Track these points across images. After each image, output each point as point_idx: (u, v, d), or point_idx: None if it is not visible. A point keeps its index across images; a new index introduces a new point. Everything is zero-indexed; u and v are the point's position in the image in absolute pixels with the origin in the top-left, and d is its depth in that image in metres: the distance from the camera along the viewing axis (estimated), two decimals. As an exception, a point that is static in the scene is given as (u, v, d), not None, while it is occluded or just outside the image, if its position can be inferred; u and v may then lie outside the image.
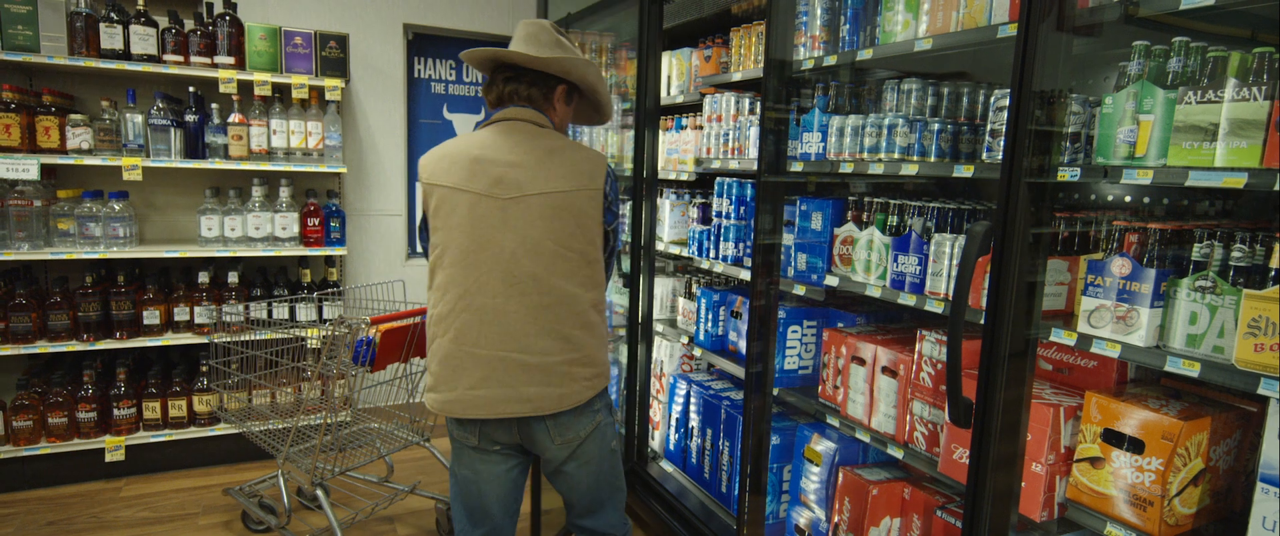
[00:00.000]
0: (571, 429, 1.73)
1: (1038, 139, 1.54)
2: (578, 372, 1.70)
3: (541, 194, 1.63)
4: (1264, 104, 1.26)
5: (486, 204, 1.62)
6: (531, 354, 1.65)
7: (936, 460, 1.89)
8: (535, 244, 1.63)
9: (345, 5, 3.99)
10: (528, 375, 1.65)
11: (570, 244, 1.66)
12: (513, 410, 1.66)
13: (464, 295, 1.64)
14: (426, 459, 3.60)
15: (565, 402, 1.69)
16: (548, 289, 1.65)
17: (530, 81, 1.73)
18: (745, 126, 2.61)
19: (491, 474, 1.76)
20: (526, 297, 1.63)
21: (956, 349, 1.59)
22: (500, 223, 1.62)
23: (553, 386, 1.67)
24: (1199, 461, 1.48)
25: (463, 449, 1.77)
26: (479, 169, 1.64)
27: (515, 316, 1.63)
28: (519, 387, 1.65)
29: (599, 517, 1.91)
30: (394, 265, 4.31)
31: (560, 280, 1.66)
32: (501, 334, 1.63)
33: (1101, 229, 1.70)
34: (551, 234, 1.64)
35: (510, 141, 1.67)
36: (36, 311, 3.16)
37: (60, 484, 3.26)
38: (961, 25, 1.80)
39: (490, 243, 1.62)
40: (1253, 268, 1.36)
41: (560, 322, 1.67)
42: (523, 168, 1.64)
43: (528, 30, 1.74)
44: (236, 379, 2.93)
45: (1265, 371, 1.27)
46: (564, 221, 1.65)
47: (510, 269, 1.62)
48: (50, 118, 3.11)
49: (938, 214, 1.93)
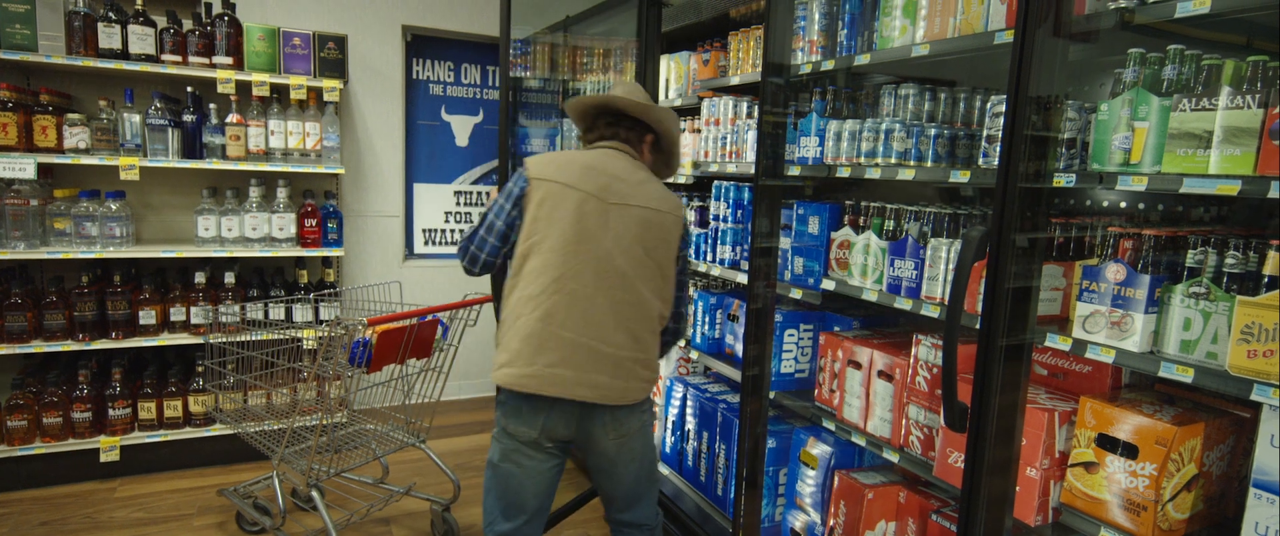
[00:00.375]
0: (625, 424, 1.87)
1: (1033, 145, 1.55)
2: (639, 372, 1.85)
3: (639, 206, 1.84)
4: (1257, 112, 1.27)
5: (593, 203, 1.81)
6: (607, 344, 1.79)
7: (932, 464, 1.90)
8: (627, 247, 1.81)
9: (344, 6, 4.00)
10: (600, 363, 1.79)
11: (653, 255, 1.85)
12: (582, 394, 1.78)
13: (558, 279, 1.78)
14: (422, 460, 3.59)
15: (627, 397, 1.83)
16: (630, 288, 1.82)
17: (628, 127, 1.97)
18: (743, 130, 2.62)
19: (536, 470, 1.87)
20: (612, 292, 1.80)
21: (952, 353, 1.60)
22: (601, 222, 1.80)
23: (619, 379, 1.81)
24: (1192, 467, 1.48)
25: (515, 444, 1.86)
26: (589, 174, 1.84)
27: (600, 308, 1.79)
28: (591, 374, 1.78)
29: (638, 510, 2.03)
30: (391, 266, 4.31)
31: (641, 284, 1.84)
32: (585, 320, 1.78)
33: (1096, 235, 1.71)
34: (641, 241, 1.83)
35: (617, 162, 1.90)
36: (32, 311, 3.16)
37: (54, 484, 3.25)
38: (958, 31, 1.81)
39: (590, 237, 1.79)
40: (1246, 274, 1.37)
41: (633, 322, 1.83)
42: (626, 182, 1.86)
43: (626, 88, 2.01)
44: (232, 379, 2.92)
45: (1258, 377, 1.28)
46: (653, 234, 1.85)
47: (603, 264, 1.79)
48: (47, 117, 3.11)
49: (934, 218, 1.94)
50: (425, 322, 2.61)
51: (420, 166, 4.49)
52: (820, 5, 2.21)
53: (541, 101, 4.31)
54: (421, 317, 2.58)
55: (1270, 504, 1.32)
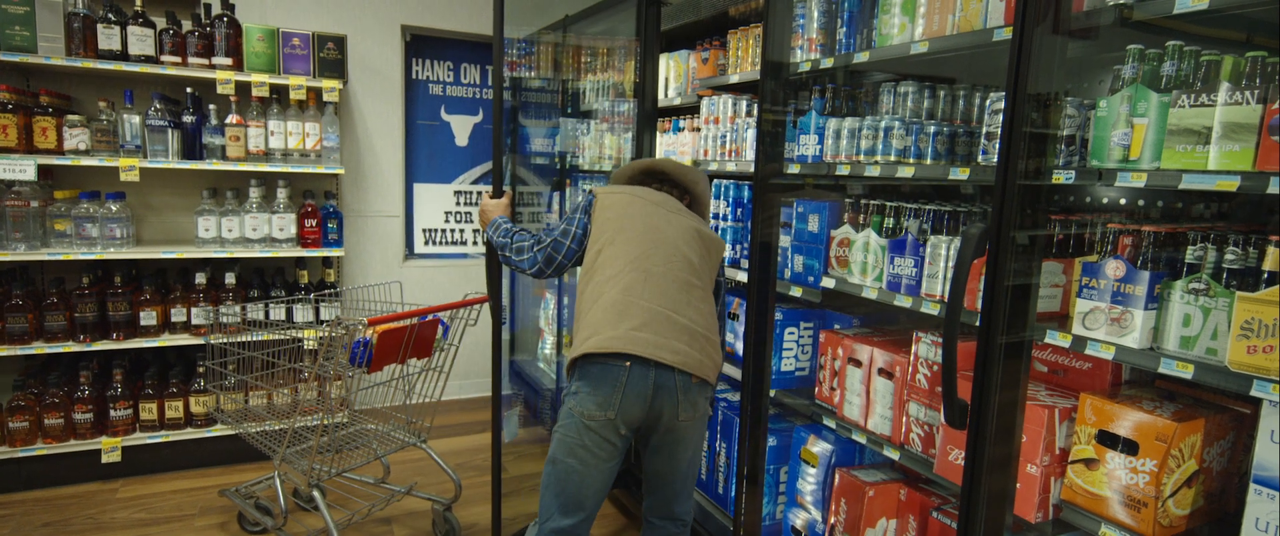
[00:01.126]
0: (697, 405, 1.95)
1: (1032, 142, 1.55)
2: (711, 351, 1.97)
3: (691, 226, 2.05)
4: (1256, 108, 1.27)
5: (658, 211, 2.03)
6: (683, 315, 1.93)
7: (932, 461, 1.90)
8: (688, 243, 2.01)
9: (343, 6, 4.00)
10: (679, 333, 1.90)
11: (706, 259, 2.04)
12: (665, 356, 1.86)
13: (634, 260, 1.94)
14: (423, 460, 3.60)
15: (702, 369, 1.92)
16: (696, 272, 1.99)
17: (670, 186, 2.18)
18: (742, 128, 2.62)
19: (599, 467, 1.91)
20: (681, 275, 1.96)
21: (952, 351, 1.60)
22: (666, 223, 2.01)
23: (696, 350, 1.92)
24: (1193, 463, 1.48)
25: (583, 433, 1.89)
26: (651, 194, 2.08)
27: (673, 285, 1.94)
28: (672, 340, 1.89)
29: (681, 503, 2.09)
30: (392, 266, 4.31)
31: (702, 275, 2.02)
32: (662, 293, 1.92)
33: (1096, 231, 1.71)
34: (696, 246, 2.02)
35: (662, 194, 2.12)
36: (33, 312, 3.16)
37: (56, 485, 3.26)
38: (957, 28, 1.80)
39: (659, 230, 1.99)
40: (1245, 270, 1.37)
41: (701, 303, 1.99)
42: (675, 208, 2.09)
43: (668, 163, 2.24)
44: (233, 380, 2.92)
45: (1258, 373, 1.28)
46: (703, 243, 2.04)
47: (671, 251, 1.97)
48: (47, 118, 3.11)
49: (934, 216, 1.94)
50: (426, 322, 2.61)
51: (420, 166, 4.49)
52: (819, 3, 2.21)
53: (541, 101, 4.31)
54: (422, 317, 2.58)
55: (1271, 499, 1.32)
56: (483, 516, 3.11)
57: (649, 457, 2.04)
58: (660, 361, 1.85)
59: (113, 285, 3.28)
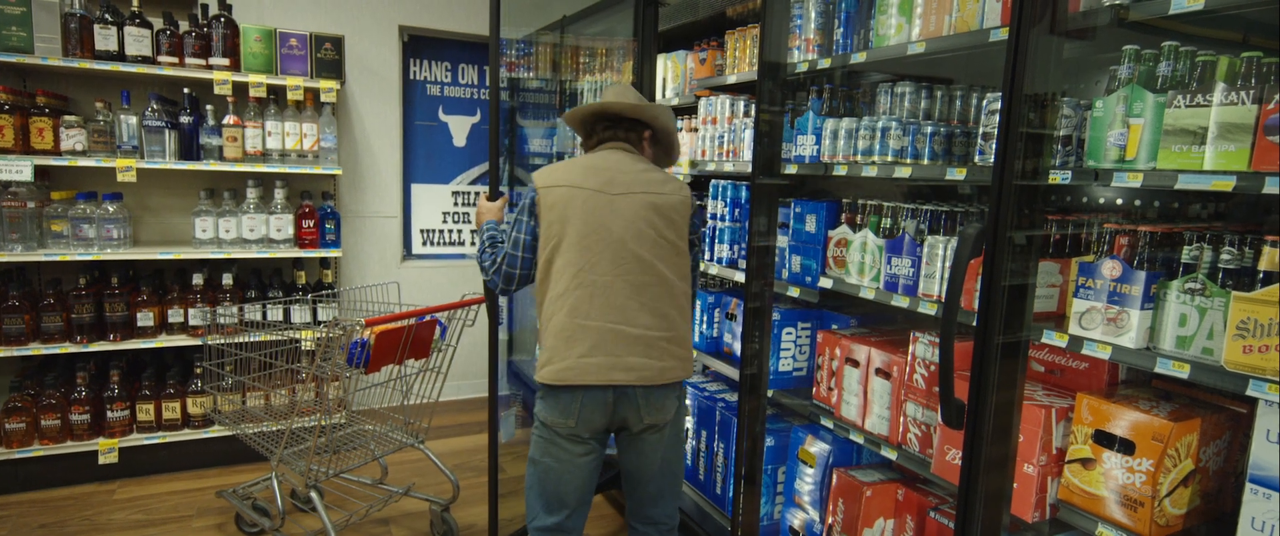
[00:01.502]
0: (662, 408, 1.92)
1: (1029, 142, 1.55)
2: (673, 351, 1.91)
3: (643, 192, 1.91)
4: (1251, 108, 1.27)
5: (598, 197, 1.88)
6: (634, 326, 1.86)
7: (930, 461, 1.90)
8: (638, 230, 1.88)
9: (341, 7, 4.00)
10: (631, 346, 1.85)
11: (665, 233, 1.91)
12: (618, 377, 1.84)
13: (577, 274, 1.86)
14: (421, 461, 3.59)
15: (664, 376, 1.89)
16: (648, 268, 1.88)
17: (625, 128, 2.04)
18: (740, 129, 2.62)
19: (574, 463, 1.91)
20: (630, 276, 1.86)
21: (949, 351, 1.60)
22: (610, 212, 1.88)
23: (653, 359, 1.87)
24: (1189, 462, 1.49)
25: (553, 437, 1.91)
26: (591, 173, 1.93)
27: (621, 292, 1.86)
28: (624, 357, 1.85)
29: (661, 506, 2.06)
30: (389, 267, 4.31)
31: (660, 265, 1.90)
32: (608, 307, 1.85)
33: (1092, 231, 1.71)
34: (651, 223, 1.90)
35: (615, 158, 1.98)
36: (29, 313, 3.15)
37: (53, 486, 3.25)
38: (954, 29, 1.81)
39: (601, 227, 1.87)
40: (1241, 270, 1.37)
41: (659, 302, 1.89)
42: (627, 173, 1.94)
43: (617, 91, 2.08)
44: (230, 381, 2.92)
45: (1254, 373, 1.29)
46: (661, 214, 1.92)
47: (618, 251, 1.86)
48: (44, 119, 3.10)
49: (931, 216, 1.94)
50: (423, 323, 2.61)
51: (418, 167, 4.48)
52: (816, 4, 2.21)
53: (540, 101, 4.31)
54: (419, 318, 2.58)
55: (1267, 498, 1.32)
56: (480, 517, 3.10)
57: (621, 455, 2.03)
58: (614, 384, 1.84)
59: (110, 286, 3.27)
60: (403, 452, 3.58)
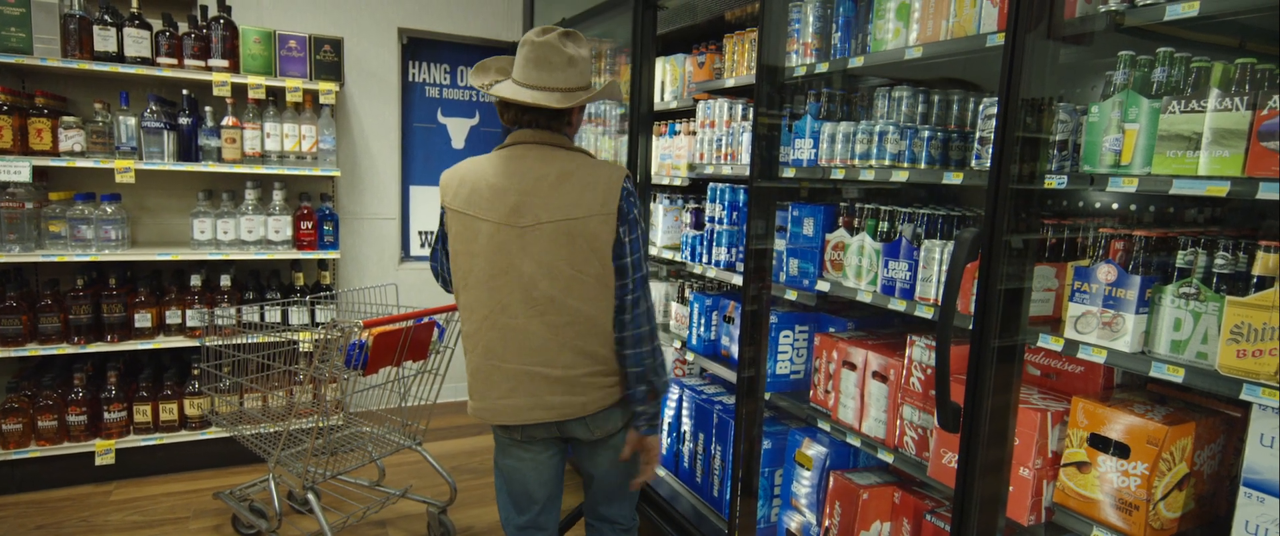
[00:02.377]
0: (606, 423, 1.83)
1: (1025, 147, 1.56)
2: (600, 382, 1.77)
3: (555, 221, 1.68)
4: (1246, 114, 1.28)
5: (506, 232, 1.69)
6: (555, 367, 1.73)
7: (926, 464, 1.91)
8: (551, 268, 1.69)
9: (340, 9, 4.00)
10: (551, 386, 1.74)
11: (584, 268, 1.70)
12: (539, 416, 1.76)
13: (488, 316, 1.74)
14: (419, 463, 3.59)
15: (588, 409, 1.77)
16: (566, 310, 1.71)
17: (549, 114, 1.74)
18: (738, 132, 2.63)
19: (534, 461, 1.87)
20: (546, 317, 1.71)
21: (945, 354, 1.60)
22: (519, 249, 1.69)
23: (576, 396, 1.75)
24: (1183, 466, 1.49)
25: (505, 442, 1.88)
26: (498, 198, 1.70)
27: (537, 335, 1.72)
28: (543, 397, 1.75)
29: (615, 507, 2.02)
30: (387, 269, 4.31)
31: (578, 302, 1.71)
32: (524, 350, 1.72)
33: (1088, 235, 1.72)
34: (566, 259, 1.69)
35: (522, 168, 1.71)
36: (27, 314, 3.15)
37: (50, 487, 3.25)
38: (951, 34, 1.82)
39: (511, 268, 1.70)
40: (1235, 275, 1.38)
41: (581, 339, 1.73)
42: (537, 195, 1.69)
43: (536, 52, 1.70)
44: (228, 382, 2.92)
45: (1248, 377, 1.29)
46: (578, 246, 1.69)
47: (529, 292, 1.70)
48: (42, 119, 3.11)
49: (928, 220, 1.95)
50: (421, 325, 2.61)
51: (416, 169, 4.49)
52: (814, 8, 2.22)
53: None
54: (418, 320, 2.58)
55: (1261, 502, 1.33)
56: (478, 519, 3.11)
57: (577, 458, 1.98)
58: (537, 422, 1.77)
59: (107, 287, 3.27)
60: (400, 454, 3.58)
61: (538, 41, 1.71)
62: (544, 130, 1.76)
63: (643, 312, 1.76)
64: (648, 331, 1.77)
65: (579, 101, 1.73)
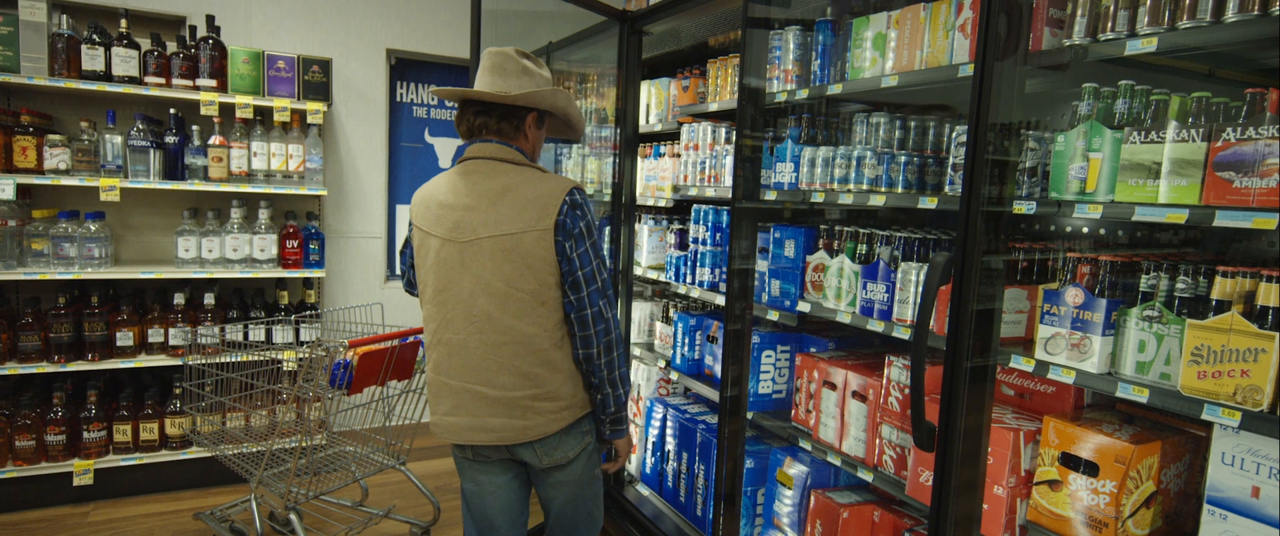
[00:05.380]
0: (558, 449, 1.78)
1: (995, 173, 1.61)
2: (542, 407, 1.73)
3: (491, 237, 1.68)
4: (1202, 145, 1.34)
5: (449, 247, 1.72)
6: (493, 387, 1.72)
7: (904, 483, 1.94)
8: (487, 284, 1.69)
9: (329, 30, 4.04)
10: (490, 407, 1.73)
11: (520, 284, 1.68)
12: (479, 438, 1.75)
13: (436, 330, 1.77)
14: (402, 483, 3.58)
15: (529, 434, 1.73)
16: (502, 328, 1.69)
17: (500, 115, 1.76)
18: (721, 155, 2.68)
19: (492, 484, 1.84)
20: (484, 335, 1.70)
21: (919, 375, 1.64)
22: (459, 265, 1.71)
23: (515, 419, 1.73)
24: (1150, 484, 1.53)
25: (463, 463, 1.87)
26: (444, 214, 1.73)
27: (476, 352, 1.72)
28: (483, 417, 1.73)
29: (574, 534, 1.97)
30: (373, 288, 4.31)
31: (513, 320, 1.69)
32: (465, 367, 1.73)
33: (1057, 259, 1.77)
34: (501, 276, 1.68)
35: (467, 184, 1.73)
36: (6, 332, 3.13)
37: (26, 508, 3.20)
38: (925, 64, 1.88)
39: (453, 283, 1.72)
40: (1195, 298, 1.43)
41: (518, 359, 1.71)
42: (476, 211, 1.70)
43: (493, 60, 1.76)
44: (210, 401, 2.91)
45: (1209, 398, 1.34)
46: (513, 263, 1.68)
47: (469, 308, 1.71)
48: (27, 138, 3.10)
49: (904, 243, 2.00)
50: (407, 344, 2.62)
51: (403, 188, 4.51)
52: (794, 36, 2.28)
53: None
54: (403, 339, 2.59)
55: (1224, 520, 1.37)
56: (461, 539, 3.09)
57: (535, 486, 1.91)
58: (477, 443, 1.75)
59: (89, 305, 3.25)
60: (384, 474, 3.56)
61: (495, 51, 1.78)
62: (494, 143, 1.75)
63: (594, 331, 1.73)
64: (608, 343, 1.75)
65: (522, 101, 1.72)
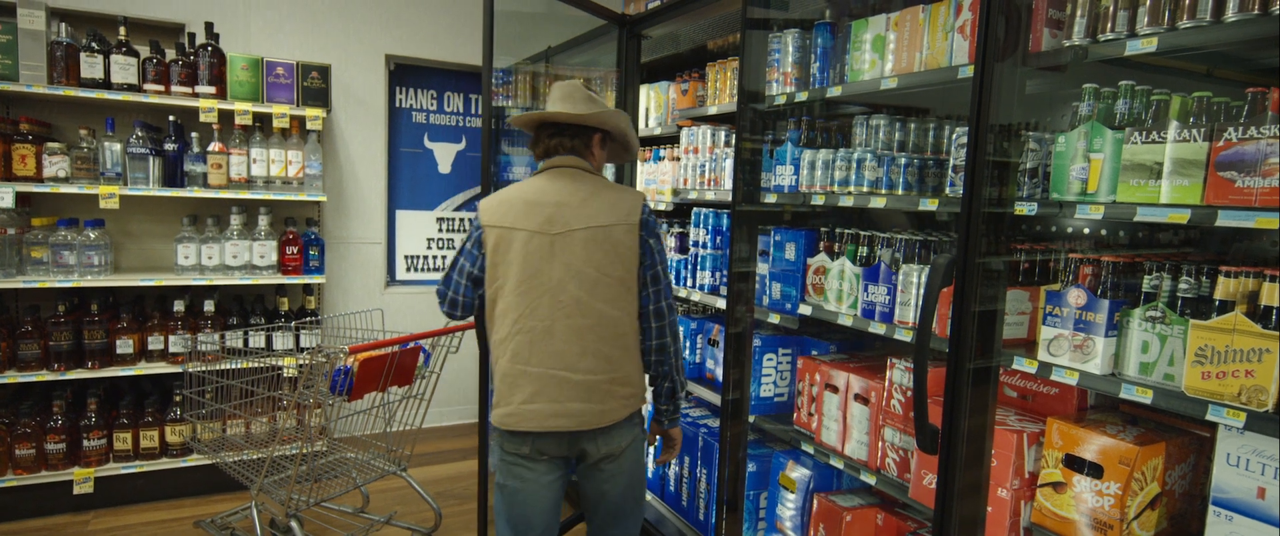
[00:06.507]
0: (615, 440, 1.91)
1: (996, 174, 1.61)
2: (617, 391, 1.88)
3: (584, 228, 1.85)
4: (1203, 145, 1.33)
5: (538, 239, 1.84)
6: (576, 372, 1.83)
7: (908, 486, 1.93)
8: (578, 271, 1.84)
9: (328, 36, 4.04)
10: (573, 391, 1.84)
11: (609, 271, 1.86)
12: (560, 424, 1.83)
13: (517, 320, 1.85)
14: (403, 489, 3.57)
15: (605, 419, 1.86)
16: (589, 311, 1.84)
17: (571, 134, 1.97)
18: (721, 158, 2.68)
19: (537, 483, 1.90)
20: (571, 319, 1.83)
21: (922, 377, 1.64)
22: (548, 255, 1.84)
23: (595, 403, 1.85)
24: (1155, 485, 1.53)
25: (513, 460, 1.90)
26: (532, 210, 1.87)
27: (561, 337, 1.83)
28: (565, 403, 1.83)
29: (620, 527, 2.03)
30: (373, 294, 4.30)
31: (601, 304, 1.85)
32: (549, 353, 1.83)
33: (1059, 260, 1.77)
34: (593, 262, 1.85)
35: (555, 185, 1.91)
36: (6, 340, 3.12)
37: (26, 517, 3.19)
38: (924, 66, 1.87)
39: (540, 273, 1.84)
40: (1198, 298, 1.42)
41: (601, 343, 1.85)
42: (567, 206, 1.87)
43: (563, 90, 1.99)
44: (210, 409, 2.90)
45: (1213, 398, 1.33)
46: (604, 251, 1.85)
47: (557, 295, 1.83)
48: (27, 146, 3.10)
49: (906, 245, 2.00)
50: (407, 350, 2.61)
51: (403, 193, 4.50)
52: (793, 39, 2.28)
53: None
54: (403, 345, 2.59)
55: (1230, 521, 1.36)
56: (463, 545, 3.08)
57: (582, 481, 2.00)
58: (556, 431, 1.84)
59: (89, 313, 3.25)
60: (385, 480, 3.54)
61: (564, 82, 2.03)
62: (571, 156, 1.96)
63: (667, 321, 1.95)
64: (675, 333, 1.98)
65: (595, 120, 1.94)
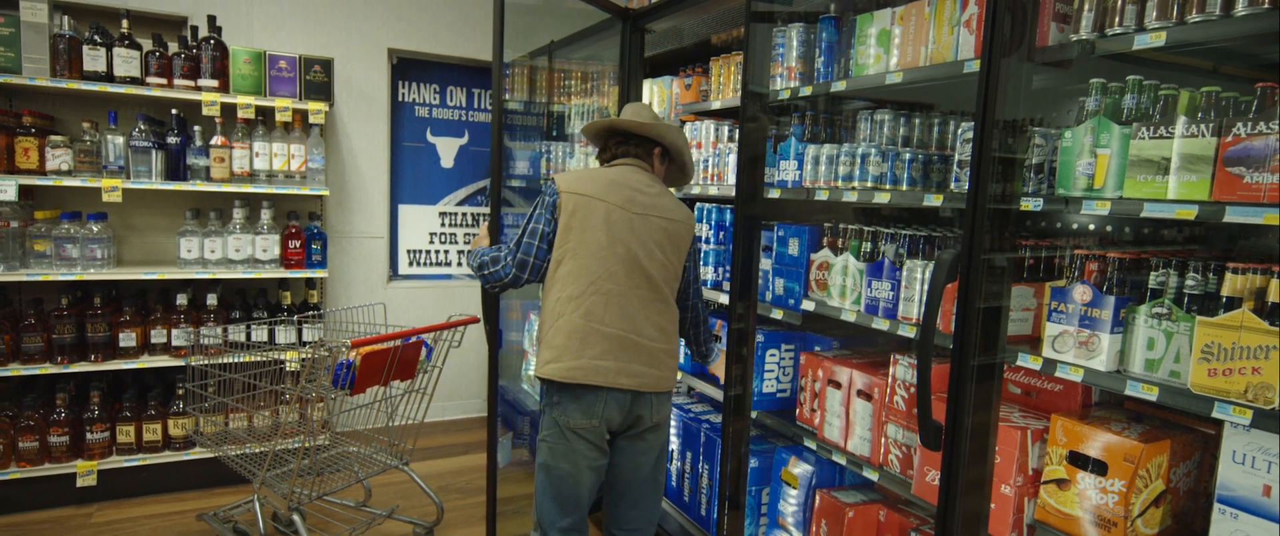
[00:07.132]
0: (663, 409, 2.11)
1: (1002, 170, 1.60)
2: (669, 362, 2.08)
3: (660, 217, 2.07)
4: (1211, 140, 1.32)
5: (620, 212, 2.02)
6: (644, 337, 2.01)
7: (910, 482, 1.93)
8: (651, 251, 2.04)
9: (330, 30, 4.03)
10: (639, 354, 2.00)
11: (671, 258, 2.08)
12: (625, 382, 1.98)
13: (594, 281, 1.98)
14: (406, 483, 3.57)
15: (662, 385, 2.05)
16: (655, 287, 2.05)
17: (636, 143, 2.17)
18: (724, 153, 2.67)
19: (590, 466, 2.04)
20: (640, 290, 2.02)
21: (926, 373, 1.63)
22: (629, 229, 2.02)
23: (654, 368, 2.03)
24: (1160, 483, 1.52)
25: (573, 440, 2.01)
26: (613, 187, 2.05)
27: (634, 303, 2.01)
28: (632, 364, 1.99)
29: (642, 509, 2.14)
30: (375, 288, 4.30)
31: (662, 283, 2.07)
32: (623, 315, 1.99)
33: (1064, 256, 1.76)
34: (663, 248, 2.06)
35: (633, 176, 2.11)
36: (10, 333, 3.12)
37: (29, 510, 3.20)
38: (930, 60, 1.86)
39: (620, 241, 2.01)
40: (1205, 295, 1.42)
41: (661, 317, 2.06)
42: (645, 195, 2.07)
43: (633, 109, 2.23)
44: (213, 402, 2.90)
45: (1219, 396, 1.32)
46: (671, 242, 2.08)
47: (632, 265, 2.01)
48: (29, 138, 3.10)
49: (910, 240, 1.99)
50: (409, 344, 2.61)
51: (405, 188, 4.50)
52: (798, 33, 2.26)
53: (527, 123, 4.35)
54: (406, 339, 2.58)
55: (1234, 519, 1.36)
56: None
57: (616, 458, 2.11)
58: (621, 387, 1.98)
59: (92, 306, 3.25)
60: (387, 474, 3.55)
61: (634, 104, 2.29)
62: (638, 159, 2.16)
63: (702, 306, 2.33)
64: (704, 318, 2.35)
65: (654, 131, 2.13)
